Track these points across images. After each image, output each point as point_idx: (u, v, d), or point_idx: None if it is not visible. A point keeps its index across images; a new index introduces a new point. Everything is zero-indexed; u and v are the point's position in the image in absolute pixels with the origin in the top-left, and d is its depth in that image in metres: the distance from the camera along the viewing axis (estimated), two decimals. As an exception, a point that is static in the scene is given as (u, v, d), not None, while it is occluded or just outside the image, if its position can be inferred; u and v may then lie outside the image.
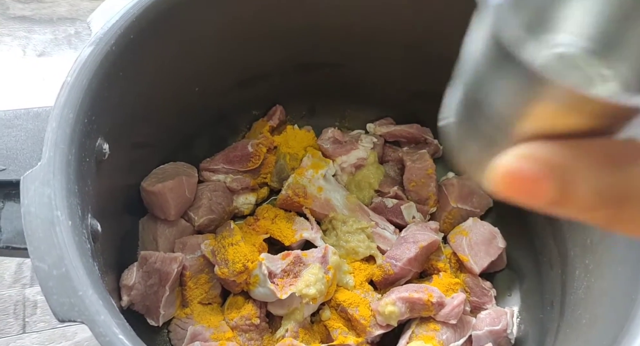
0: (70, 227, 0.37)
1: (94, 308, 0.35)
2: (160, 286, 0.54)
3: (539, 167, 0.17)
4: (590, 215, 0.18)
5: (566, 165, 0.17)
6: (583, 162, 0.17)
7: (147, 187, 0.57)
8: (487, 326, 0.55)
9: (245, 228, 0.59)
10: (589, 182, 0.17)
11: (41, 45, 0.71)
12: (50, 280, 0.35)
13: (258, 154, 0.63)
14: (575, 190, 0.17)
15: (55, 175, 0.39)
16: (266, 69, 0.64)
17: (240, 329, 0.54)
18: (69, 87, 0.42)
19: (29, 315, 0.57)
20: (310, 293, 0.52)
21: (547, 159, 0.17)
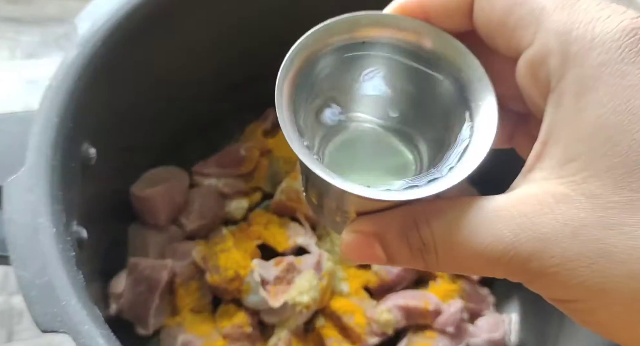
0: (54, 234, 0.36)
1: (77, 318, 0.34)
2: (150, 294, 0.52)
3: (366, 238, 0.23)
4: (411, 264, 0.23)
5: (381, 232, 0.22)
6: (392, 228, 0.22)
7: (137, 192, 0.56)
8: (485, 333, 0.54)
9: (238, 234, 0.58)
10: (398, 240, 0.22)
11: (30, 46, 0.70)
12: (33, 289, 0.34)
13: (251, 158, 0.62)
14: (392, 249, 0.22)
15: (39, 181, 0.38)
16: (259, 72, 0.62)
17: (232, 338, 0.53)
18: (53, 91, 0.41)
19: (16, 323, 0.56)
20: (303, 300, 0.51)
21: (369, 231, 0.22)
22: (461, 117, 0.24)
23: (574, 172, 0.19)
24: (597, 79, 0.19)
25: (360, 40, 0.25)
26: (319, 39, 0.25)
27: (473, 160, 0.22)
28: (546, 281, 0.20)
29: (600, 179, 0.19)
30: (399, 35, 0.24)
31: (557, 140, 0.20)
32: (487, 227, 0.20)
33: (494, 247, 0.20)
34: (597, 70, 0.19)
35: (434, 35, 0.24)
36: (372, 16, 0.25)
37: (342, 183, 0.21)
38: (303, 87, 0.24)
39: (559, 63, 0.20)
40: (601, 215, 0.19)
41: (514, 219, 0.20)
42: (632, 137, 0.19)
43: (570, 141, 0.20)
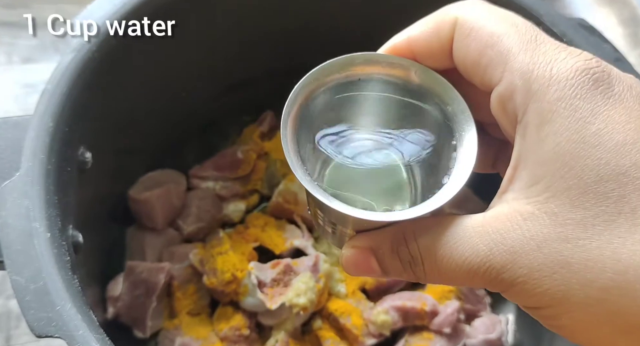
0: (48, 239, 0.36)
1: (72, 323, 0.34)
2: (147, 297, 0.53)
3: (362, 253, 0.25)
4: (402, 276, 0.25)
5: (376, 248, 0.25)
6: (385, 244, 0.25)
7: (134, 195, 0.56)
8: (482, 334, 0.54)
9: (235, 236, 0.58)
10: (391, 255, 0.25)
11: (27, 51, 0.70)
12: (28, 294, 0.35)
13: (248, 161, 0.62)
14: (386, 263, 0.25)
15: (34, 185, 0.38)
16: (256, 74, 0.63)
17: (230, 340, 0.53)
18: (48, 95, 0.41)
19: (14, 327, 0.56)
20: (300, 302, 0.51)
21: (365, 247, 0.25)
22: (448, 145, 0.26)
23: (538, 193, 0.22)
24: (554, 112, 0.22)
25: (356, 77, 0.28)
26: (318, 78, 0.28)
27: (453, 186, 0.24)
28: (517, 290, 0.22)
29: (559, 199, 0.22)
30: (390, 72, 0.27)
31: (525, 166, 0.23)
32: (466, 242, 0.23)
33: (471, 259, 0.22)
34: (554, 104, 0.22)
35: (422, 71, 0.27)
36: (366, 55, 0.28)
37: (339, 206, 0.24)
38: (305, 120, 0.27)
39: (522, 98, 0.23)
40: (560, 231, 0.21)
41: (488, 235, 0.22)
42: (584, 162, 0.21)
43: (535, 166, 0.22)
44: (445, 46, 0.26)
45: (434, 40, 0.26)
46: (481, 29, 0.24)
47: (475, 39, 0.24)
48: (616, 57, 0.42)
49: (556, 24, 0.44)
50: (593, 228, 0.21)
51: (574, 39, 0.43)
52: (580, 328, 0.22)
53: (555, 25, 0.43)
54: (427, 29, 0.26)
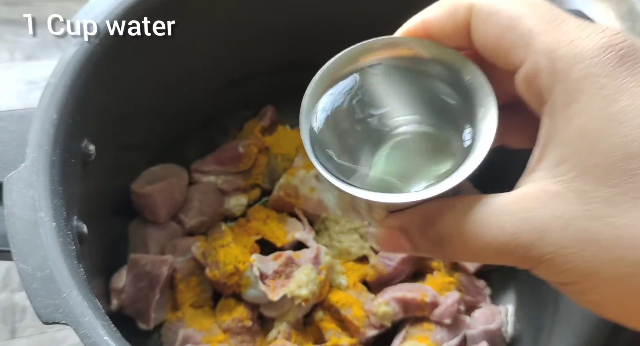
0: (54, 228, 0.37)
1: (78, 310, 0.35)
2: (151, 290, 0.53)
3: (393, 232, 0.27)
4: (433, 254, 0.26)
5: (405, 227, 0.26)
6: (414, 224, 0.26)
7: (137, 189, 0.57)
8: (482, 325, 0.54)
9: (237, 229, 0.59)
10: (420, 234, 0.25)
11: (29, 48, 0.71)
12: (34, 281, 0.35)
13: (249, 155, 0.63)
14: (416, 241, 0.26)
15: (39, 176, 0.38)
16: (256, 69, 0.63)
17: (232, 331, 0.54)
18: (52, 88, 0.41)
19: (18, 320, 0.56)
20: (302, 294, 0.52)
21: (396, 226, 0.26)
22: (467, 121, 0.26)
23: (564, 172, 0.22)
24: (580, 91, 0.22)
25: (377, 62, 0.28)
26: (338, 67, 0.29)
27: (473, 162, 0.24)
28: (545, 266, 0.22)
29: (585, 177, 0.21)
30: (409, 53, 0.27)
31: (552, 145, 0.23)
32: (493, 220, 0.23)
33: (499, 238, 0.23)
34: (579, 83, 0.22)
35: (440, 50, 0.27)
36: (384, 40, 0.28)
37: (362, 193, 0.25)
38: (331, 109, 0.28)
39: (548, 78, 0.23)
40: (587, 209, 0.21)
41: (515, 213, 0.22)
42: (609, 140, 0.21)
43: (561, 146, 0.22)
44: (462, 30, 0.26)
45: (449, 24, 0.26)
46: (500, 13, 0.24)
47: (494, 23, 0.24)
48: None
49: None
50: (620, 205, 0.21)
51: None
52: (610, 302, 0.22)
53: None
54: (442, 12, 0.26)
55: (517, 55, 0.24)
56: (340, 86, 0.28)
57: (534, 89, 0.24)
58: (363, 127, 0.28)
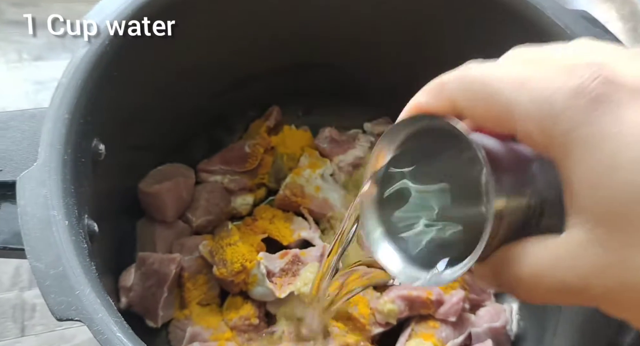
0: (66, 226, 0.37)
1: (91, 307, 0.35)
2: (159, 288, 0.54)
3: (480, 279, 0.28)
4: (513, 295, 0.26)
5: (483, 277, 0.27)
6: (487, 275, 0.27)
7: (144, 188, 0.57)
8: (487, 323, 0.55)
9: (243, 228, 0.59)
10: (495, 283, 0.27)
11: (37, 49, 0.71)
12: (48, 279, 0.35)
13: (255, 155, 0.63)
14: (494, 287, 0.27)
15: (51, 175, 0.39)
16: (262, 70, 0.64)
17: (239, 329, 0.54)
18: (63, 88, 0.42)
19: (28, 318, 0.57)
20: (308, 291, 0.52)
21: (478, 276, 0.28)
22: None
23: (585, 221, 0.22)
24: (569, 145, 0.22)
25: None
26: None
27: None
28: (604, 307, 0.23)
29: (601, 227, 0.22)
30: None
31: (569, 194, 0.23)
32: (546, 271, 0.23)
33: (556, 286, 0.23)
34: (565, 138, 0.22)
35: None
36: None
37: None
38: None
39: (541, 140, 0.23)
40: (611, 256, 0.22)
41: (564, 262, 0.23)
42: (608, 187, 0.21)
43: (575, 197, 0.23)
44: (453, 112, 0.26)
45: (440, 110, 0.26)
46: (477, 93, 0.24)
47: (477, 104, 0.25)
48: (618, 48, 0.43)
49: (559, 16, 0.45)
50: (634, 248, 0.21)
51: (577, 31, 0.43)
52: None
53: (558, 18, 0.44)
54: (430, 103, 0.27)
55: (508, 127, 0.24)
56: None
57: (537, 148, 0.24)
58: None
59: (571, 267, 0.22)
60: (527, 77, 0.23)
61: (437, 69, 0.29)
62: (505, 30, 0.49)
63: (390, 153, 0.29)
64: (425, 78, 0.61)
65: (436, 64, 0.57)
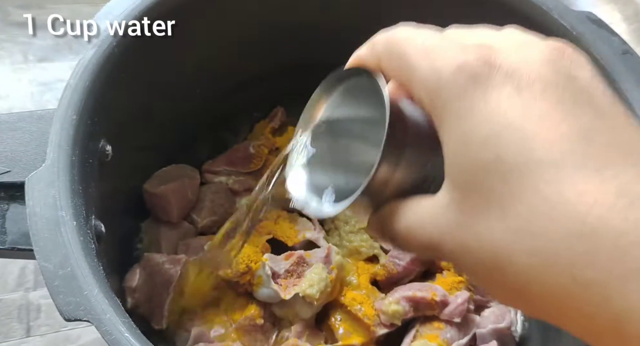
0: (75, 227, 0.38)
1: (99, 307, 0.35)
2: (164, 288, 0.54)
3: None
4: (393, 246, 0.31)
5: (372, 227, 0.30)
6: (376, 225, 0.29)
7: (150, 189, 0.57)
8: (491, 324, 0.55)
9: (248, 229, 0.59)
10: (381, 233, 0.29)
11: (42, 50, 0.71)
12: (56, 279, 0.36)
13: (260, 156, 0.63)
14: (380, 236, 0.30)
15: (60, 175, 0.39)
16: (266, 71, 0.64)
17: (244, 330, 0.54)
18: (71, 89, 0.42)
19: (33, 318, 0.57)
20: (313, 293, 0.52)
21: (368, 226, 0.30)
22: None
23: (447, 185, 0.25)
24: (443, 116, 0.24)
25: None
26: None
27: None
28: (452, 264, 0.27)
29: (457, 191, 0.24)
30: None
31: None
32: (418, 227, 0.26)
33: (425, 241, 0.26)
34: (442, 110, 0.24)
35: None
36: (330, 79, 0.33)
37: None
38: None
39: (428, 106, 0.25)
40: (461, 220, 0.24)
41: (431, 220, 0.25)
42: (462, 159, 0.24)
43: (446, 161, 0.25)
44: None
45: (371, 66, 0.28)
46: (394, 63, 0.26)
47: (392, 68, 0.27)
48: (624, 49, 0.43)
49: (564, 17, 0.45)
50: (477, 215, 0.23)
51: (582, 32, 0.44)
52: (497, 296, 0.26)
53: (564, 19, 0.45)
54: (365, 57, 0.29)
55: (410, 91, 0.26)
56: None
57: (427, 112, 0.26)
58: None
59: (435, 225, 0.25)
60: (433, 48, 0.24)
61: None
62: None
63: (326, 104, 0.33)
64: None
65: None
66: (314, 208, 0.30)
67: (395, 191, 0.27)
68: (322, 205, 0.30)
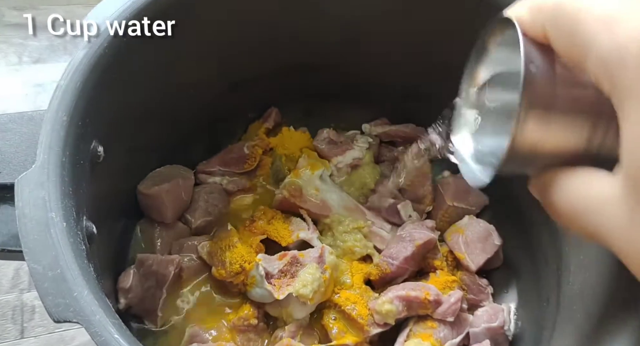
0: (64, 228, 0.37)
1: (89, 309, 0.35)
2: (158, 289, 0.54)
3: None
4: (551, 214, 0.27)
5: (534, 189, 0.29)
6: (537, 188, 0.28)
7: (144, 190, 0.57)
8: (484, 323, 0.55)
9: (242, 229, 0.59)
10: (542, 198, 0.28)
11: (37, 51, 0.72)
12: (46, 281, 0.35)
13: (254, 156, 0.64)
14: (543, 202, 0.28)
15: (50, 177, 0.39)
16: (260, 72, 0.64)
17: (239, 330, 0.54)
18: (62, 90, 0.42)
19: (27, 320, 0.57)
20: (307, 293, 0.52)
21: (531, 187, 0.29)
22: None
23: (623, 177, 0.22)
24: (628, 98, 0.21)
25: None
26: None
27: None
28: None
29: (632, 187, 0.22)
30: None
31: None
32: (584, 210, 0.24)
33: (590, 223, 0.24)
34: (628, 90, 0.21)
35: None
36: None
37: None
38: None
39: (607, 85, 0.23)
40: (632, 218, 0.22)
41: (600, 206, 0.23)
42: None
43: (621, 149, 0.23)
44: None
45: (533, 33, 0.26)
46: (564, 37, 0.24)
47: (560, 41, 0.24)
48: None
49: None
50: None
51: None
52: None
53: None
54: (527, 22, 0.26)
55: (581, 65, 0.23)
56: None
57: (603, 91, 0.23)
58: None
59: (605, 216, 0.22)
60: (614, 19, 0.21)
61: (436, 71, 0.30)
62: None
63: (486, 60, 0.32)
64: (423, 80, 0.61)
65: (434, 66, 0.58)
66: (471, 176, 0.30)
67: (554, 157, 0.26)
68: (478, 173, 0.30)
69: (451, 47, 0.56)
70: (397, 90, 0.66)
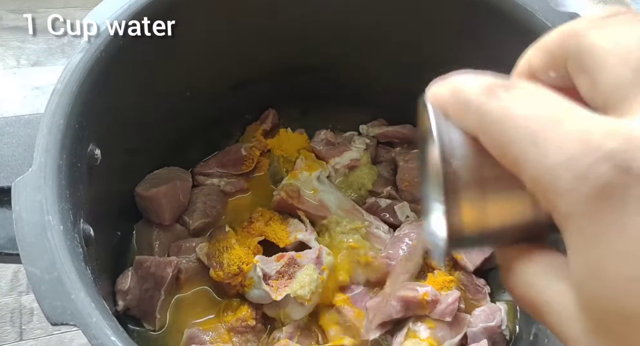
0: (61, 231, 0.38)
1: (86, 311, 0.35)
2: (156, 291, 0.54)
3: None
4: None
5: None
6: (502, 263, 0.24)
7: (142, 192, 0.57)
8: (482, 322, 0.55)
9: (240, 231, 0.60)
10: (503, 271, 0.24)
11: (35, 54, 0.72)
12: (43, 284, 0.36)
13: (251, 157, 0.64)
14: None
15: (47, 180, 0.39)
16: (258, 73, 0.64)
17: (237, 331, 0.54)
18: (59, 94, 0.42)
19: (26, 322, 0.57)
20: (304, 294, 0.52)
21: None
22: None
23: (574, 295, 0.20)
24: (566, 228, 0.19)
25: None
26: None
27: None
28: None
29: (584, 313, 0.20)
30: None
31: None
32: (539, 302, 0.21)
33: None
34: (565, 220, 0.19)
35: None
36: None
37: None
38: None
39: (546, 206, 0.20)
40: None
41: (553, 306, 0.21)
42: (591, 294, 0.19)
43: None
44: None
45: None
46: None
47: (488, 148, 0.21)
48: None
49: (549, 18, 0.45)
50: None
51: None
52: None
53: (549, 20, 0.45)
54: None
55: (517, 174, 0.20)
56: None
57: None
58: None
59: (559, 324, 0.20)
60: (541, 137, 0.18)
61: (433, 72, 0.29)
62: (499, 32, 0.49)
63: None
64: (420, 81, 0.61)
65: (432, 66, 0.58)
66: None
67: (504, 234, 0.23)
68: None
69: (449, 48, 0.56)
70: (394, 91, 0.66)
